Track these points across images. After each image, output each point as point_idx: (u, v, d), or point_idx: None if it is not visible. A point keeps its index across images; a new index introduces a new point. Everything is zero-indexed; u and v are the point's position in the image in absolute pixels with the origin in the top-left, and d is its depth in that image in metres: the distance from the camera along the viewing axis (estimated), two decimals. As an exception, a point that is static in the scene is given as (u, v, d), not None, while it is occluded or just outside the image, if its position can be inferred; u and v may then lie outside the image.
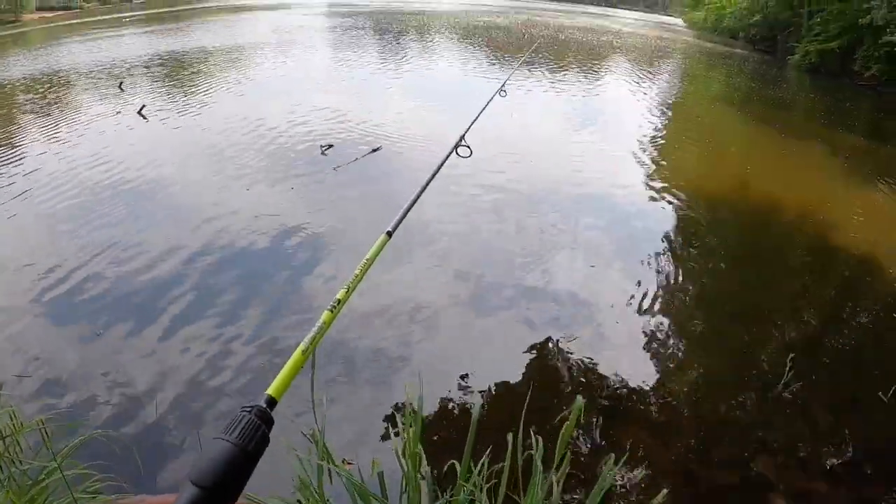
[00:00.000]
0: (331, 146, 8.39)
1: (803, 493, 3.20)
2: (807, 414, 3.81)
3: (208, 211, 6.31)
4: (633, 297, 5.05)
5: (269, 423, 0.61)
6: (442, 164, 1.51)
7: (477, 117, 2.13)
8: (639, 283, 5.27)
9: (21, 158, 8.13)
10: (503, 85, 2.99)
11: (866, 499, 3.21)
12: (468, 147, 1.76)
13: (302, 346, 0.71)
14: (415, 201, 1.25)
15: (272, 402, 0.64)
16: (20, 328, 4.33)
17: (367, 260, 0.92)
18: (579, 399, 2.16)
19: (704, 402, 3.89)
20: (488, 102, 2.54)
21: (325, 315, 0.78)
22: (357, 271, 0.87)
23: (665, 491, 2.02)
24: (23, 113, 10.98)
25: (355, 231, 5.97)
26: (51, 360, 3.97)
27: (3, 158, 8.14)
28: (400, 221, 1.13)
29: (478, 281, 5.20)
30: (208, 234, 5.76)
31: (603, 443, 3.47)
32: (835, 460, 3.42)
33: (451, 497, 1.92)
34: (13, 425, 1.94)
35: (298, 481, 1.91)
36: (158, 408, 3.53)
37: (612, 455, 2.25)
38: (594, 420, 3.65)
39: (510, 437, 2.16)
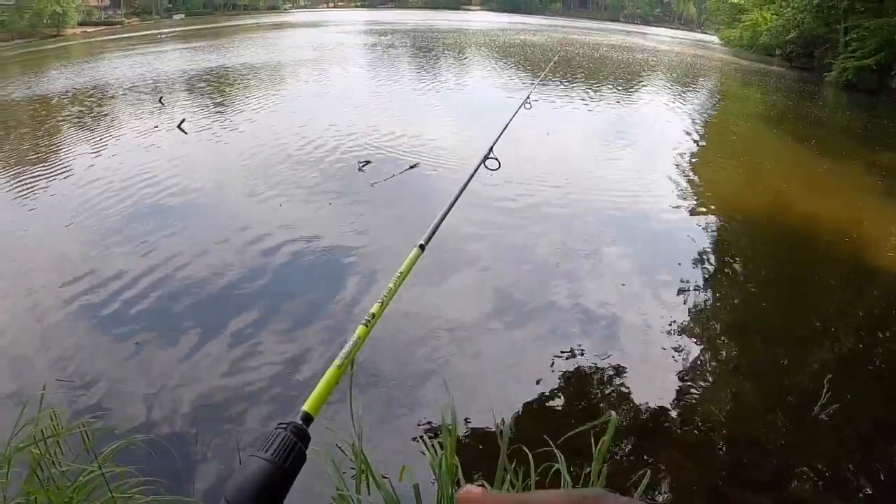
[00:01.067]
0: (368, 162, 8.47)
1: None
2: (843, 437, 3.72)
3: (246, 224, 6.42)
4: (665, 316, 5.00)
5: (305, 439, 0.60)
6: (471, 177, 1.52)
7: (504, 130, 2.14)
8: (672, 302, 5.22)
9: (65, 169, 8.38)
10: (527, 98, 3.01)
11: None
12: (496, 160, 1.76)
13: (337, 362, 0.71)
14: (446, 214, 1.25)
15: (308, 418, 0.64)
16: (61, 334, 4.45)
17: (400, 273, 0.91)
18: (613, 415, 2.15)
19: (738, 423, 3.83)
20: (513, 116, 2.56)
21: (359, 330, 0.77)
22: (391, 285, 0.87)
23: None
24: (67, 125, 11.29)
25: (393, 245, 6.01)
26: (91, 366, 4.06)
27: (48, 169, 8.40)
28: (432, 234, 1.13)
29: (509, 296, 5.20)
30: (245, 247, 5.85)
31: (633, 461, 3.44)
32: (871, 485, 3.34)
33: None
34: (54, 427, 1.99)
35: (336, 494, 1.93)
36: (197, 415, 3.59)
37: (647, 471, 2.22)
38: (625, 438, 3.62)
39: (543, 451, 2.15)
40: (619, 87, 16.87)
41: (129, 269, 5.41)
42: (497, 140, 1.86)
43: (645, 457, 3.48)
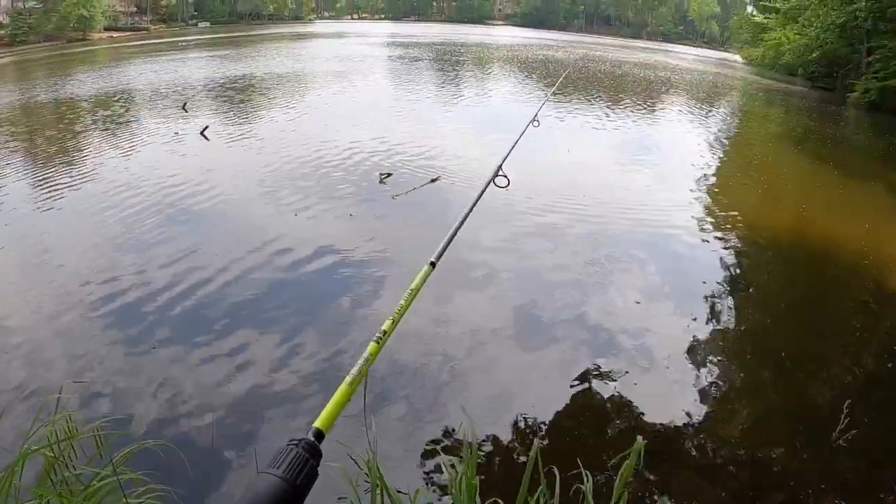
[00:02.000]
0: (389, 175, 8.50)
1: None
2: (862, 463, 3.65)
3: (266, 233, 6.45)
4: (683, 336, 4.94)
5: (317, 456, 0.60)
6: (481, 195, 1.52)
7: (512, 148, 2.14)
8: (690, 323, 5.17)
9: (87, 173, 8.50)
10: (535, 116, 2.99)
11: None
12: (506, 177, 1.75)
13: (349, 379, 0.70)
14: (456, 231, 1.25)
15: (320, 434, 0.64)
16: (77, 337, 4.48)
17: (411, 290, 0.91)
18: (639, 440, 2.13)
19: (756, 447, 3.76)
20: (521, 134, 2.56)
21: (371, 347, 0.77)
22: (402, 302, 0.86)
23: None
24: (91, 129, 11.45)
25: (411, 258, 5.98)
26: (107, 369, 4.09)
27: (72, 173, 8.52)
28: (443, 251, 1.13)
29: (526, 315, 5.18)
30: (264, 257, 5.87)
31: (651, 483, 3.40)
32: None
33: None
34: (68, 430, 2.00)
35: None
36: (212, 421, 3.59)
37: (666, 496, 2.19)
38: (644, 459, 3.58)
39: (563, 473, 2.13)
40: (641, 105, 16.84)
41: (148, 274, 5.45)
42: (506, 158, 1.86)
43: (662, 479, 3.44)
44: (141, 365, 4.15)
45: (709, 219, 7.93)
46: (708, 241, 7.08)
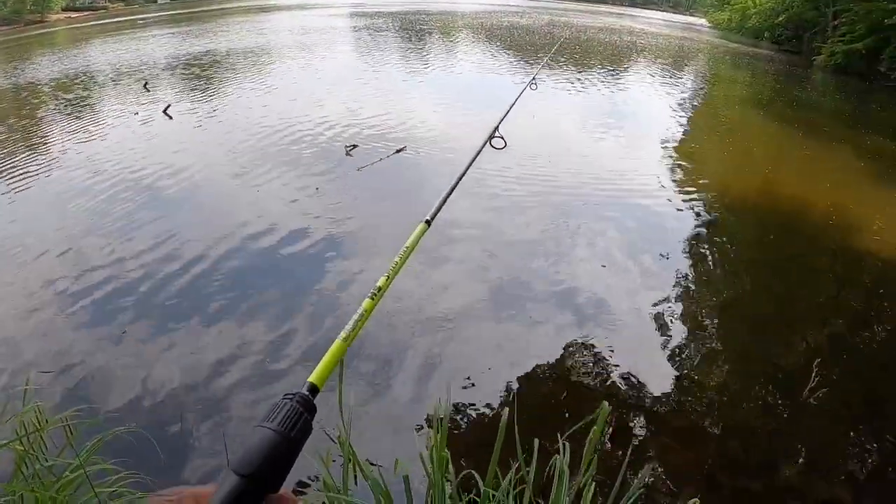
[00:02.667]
0: (355, 146, 8.44)
1: (827, 502, 3.15)
2: (832, 421, 3.75)
3: (231, 210, 6.38)
4: (654, 300, 5.01)
5: (311, 410, 0.60)
6: (477, 155, 1.50)
7: (510, 109, 2.11)
8: (660, 286, 5.23)
9: (49, 157, 8.30)
10: (533, 78, 2.98)
11: None
12: (502, 138, 1.75)
13: (343, 334, 0.71)
14: (452, 190, 1.24)
15: (314, 389, 0.63)
16: (45, 326, 4.41)
17: (406, 248, 0.91)
18: (605, 405, 2.15)
19: (728, 408, 3.84)
20: (519, 95, 2.53)
21: (365, 303, 0.77)
22: (397, 259, 0.86)
23: (696, 500, 1.99)
24: (52, 113, 11.17)
25: (377, 228, 6.00)
26: (76, 357, 4.03)
27: (34, 158, 8.32)
28: (438, 210, 1.13)
29: (499, 277, 5.21)
30: (230, 234, 5.80)
31: (626, 447, 3.45)
32: (861, 469, 3.37)
33: (475, 502, 1.92)
34: (37, 422, 1.96)
35: (323, 483, 1.92)
36: (182, 406, 3.57)
37: (648, 467, 2.22)
38: (616, 424, 3.63)
39: (536, 442, 2.15)
40: (608, 71, 16.81)
41: (114, 257, 5.36)
42: (502, 119, 1.83)
43: (636, 443, 3.49)
44: (110, 352, 4.10)
45: (677, 183, 7.99)
46: (677, 205, 7.14)
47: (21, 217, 6.35)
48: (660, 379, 4.05)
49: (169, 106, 10.78)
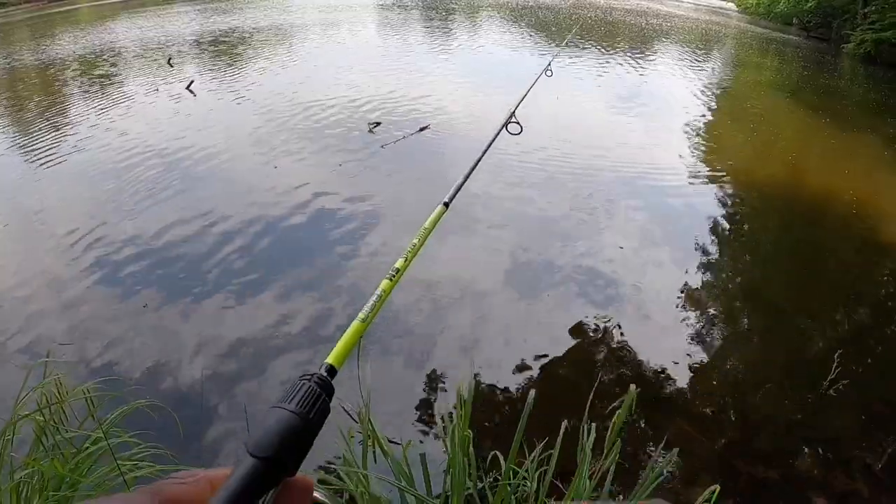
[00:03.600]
0: (378, 124, 8.44)
1: (845, 494, 3.12)
2: (852, 413, 3.70)
3: (252, 187, 6.43)
4: (677, 286, 4.98)
5: (329, 392, 0.58)
6: (493, 141, 1.49)
7: (525, 95, 2.08)
8: (684, 273, 5.20)
9: (74, 134, 8.40)
10: (549, 65, 2.93)
11: None
12: (518, 124, 1.72)
13: (361, 315, 0.69)
14: (469, 174, 1.24)
15: (332, 370, 0.61)
16: (68, 297, 4.47)
17: (424, 229, 0.90)
18: (632, 388, 2.13)
19: (748, 396, 3.82)
20: (535, 81, 2.49)
21: (383, 284, 0.76)
22: (415, 241, 0.86)
23: (717, 487, 1.98)
24: (78, 90, 11.26)
25: (399, 206, 6.04)
26: (97, 328, 4.08)
27: (61, 133, 8.43)
28: (456, 193, 1.12)
29: (522, 257, 5.22)
30: (253, 210, 5.85)
31: (644, 432, 3.44)
32: (879, 463, 3.33)
33: (496, 481, 1.92)
34: (59, 393, 1.99)
35: (343, 460, 1.92)
36: (202, 378, 3.60)
37: (675, 451, 2.20)
38: (637, 409, 3.62)
39: (564, 423, 2.15)
40: (634, 54, 16.59)
41: (136, 232, 5.43)
42: (519, 104, 1.81)
43: (656, 428, 3.48)
44: (132, 325, 4.15)
45: (703, 167, 7.92)
46: (703, 190, 7.08)
47: (47, 194, 6.44)
48: (679, 364, 4.03)
49: (192, 82, 10.80)
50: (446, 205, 1.05)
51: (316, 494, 0.49)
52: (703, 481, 3.05)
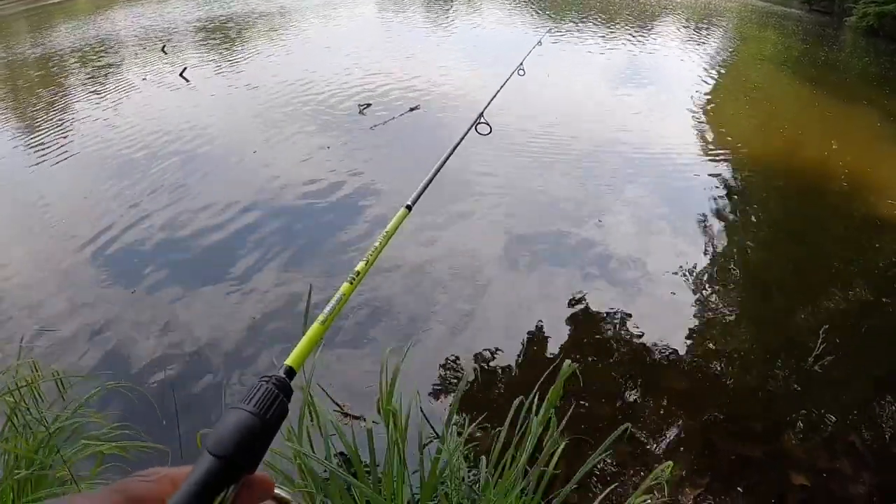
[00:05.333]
0: (369, 105, 8.46)
1: (826, 472, 3.11)
2: (836, 390, 3.69)
3: (246, 170, 6.49)
4: (669, 261, 4.99)
5: (287, 393, 0.59)
6: (459, 143, 1.49)
7: (495, 95, 2.04)
8: (677, 248, 5.23)
9: (69, 123, 8.48)
10: (521, 63, 2.88)
11: (890, 483, 3.08)
12: (487, 125, 1.71)
13: (321, 318, 0.70)
14: (433, 176, 1.24)
15: (291, 372, 0.63)
16: (60, 281, 4.54)
17: (386, 233, 0.91)
18: (567, 364, 2.15)
19: (732, 372, 3.82)
20: (506, 81, 2.45)
21: (343, 287, 0.77)
22: (377, 244, 0.86)
23: (669, 463, 1.99)
24: (74, 80, 11.31)
25: (383, 188, 6.09)
26: (82, 313, 4.16)
27: (58, 123, 8.51)
28: (419, 195, 1.12)
29: (516, 234, 5.29)
30: (239, 194, 5.90)
31: (623, 408, 3.46)
32: (861, 440, 3.32)
33: (435, 457, 1.94)
34: (33, 377, 2.02)
35: (287, 432, 1.94)
36: (184, 364, 3.65)
37: (625, 427, 2.19)
38: (618, 385, 3.64)
39: (518, 399, 2.16)
40: (633, 29, 16.45)
41: (126, 219, 5.50)
42: (488, 105, 1.78)
43: (637, 404, 3.50)
44: (119, 308, 4.22)
45: (701, 143, 7.90)
46: (700, 166, 7.07)
47: (45, 183, 6.54)
48: (666, 340, 4.05)
49: (185, 69, 10.80)
50: (409, 208, 1.06)
51: (278, 491, 0.50)
52: (683, 459, 3.08)
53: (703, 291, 4.67)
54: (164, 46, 13.06)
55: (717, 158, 7.26)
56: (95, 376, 2.65)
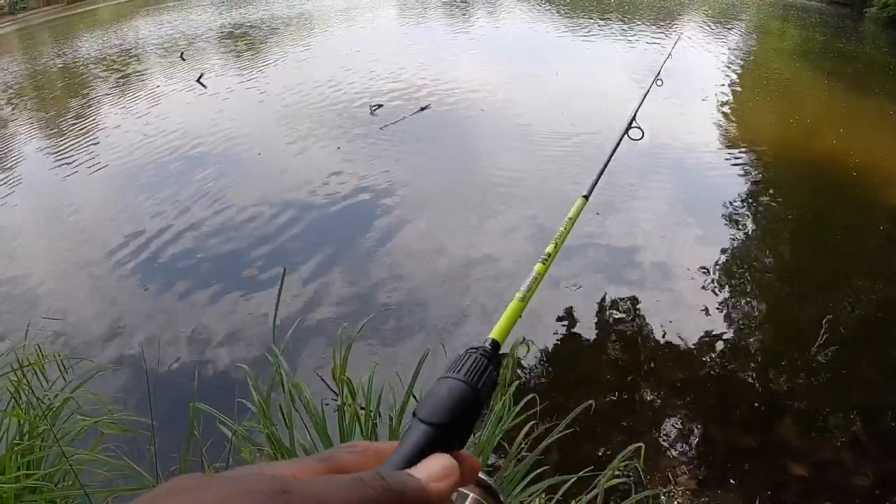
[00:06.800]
0: (380, 106, 8.56)
1: (826, 463, 3.07)
2: (838, 381, 3.64)
3: (259, 172, 6.62)
4: (679, 251, 5.04)
5: (496, 364, 0.56)
6: (615, 149, 1.45)
7: (643, 99, 1.98)
8: (690, 238, 5.28)
9: (89, 130, 8.76)
10: (659, 73, 2.88)
11: (891, 474, 3.03)
12: (640, 129, 1.67)
13: (519, 294, 0.70)
14: (605, 166, 1.26)
15: (496, 345, 0.61)
16: (78, 278, 4.71)
17: (569, 219, 0.97)
18: (518, 341, 2.21)
19: (734, 363, 3.81)
20: (648, 90, 2.36)
21: (538, 267, 0.78)
22: (562, 228, 0.91)
23: (640, 445, 2.00)
24: (94, 88, 11.59)
25: (393, 188, 6.17)
26: (93, 307, 4.31)
27: (81, 131, 8.80)
28: (594, 185, 1.14)
29: (538, 226, 5.36)
30: (254, 198, 6.03)
31: (623, 399, 3.48)
32: (863, 432, 3.26)
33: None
34: (38, 358, 2.13)
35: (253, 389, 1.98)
36: (192, 358, 3.76)
37: (588, 405, 2.19)
38: (615, 375, 3.67)
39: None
40: (653, 24, 16.37)
41: (146, 221, 5.65)
42: (638, 108, 1.74)
43: (636, 393, 3.52)
44: (130, 304, 4.36)
45: (720, 135, 7.88)
46: (718, 158, 7.05)
47: (69, 187, 6.84)
48: (666, 330, 4.05)
49: (202, 75, 11.00)
50: (586, 197, 1.09)
51: (481, 475, 0.49)
52: (679, 449, 3.09)
53: (709, 282, 4.63)
54: (182, 54, 13.29)
55: (735, 151, 7.20)
56: (83, 357, 2.75)
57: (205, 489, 0.30)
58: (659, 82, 2.72)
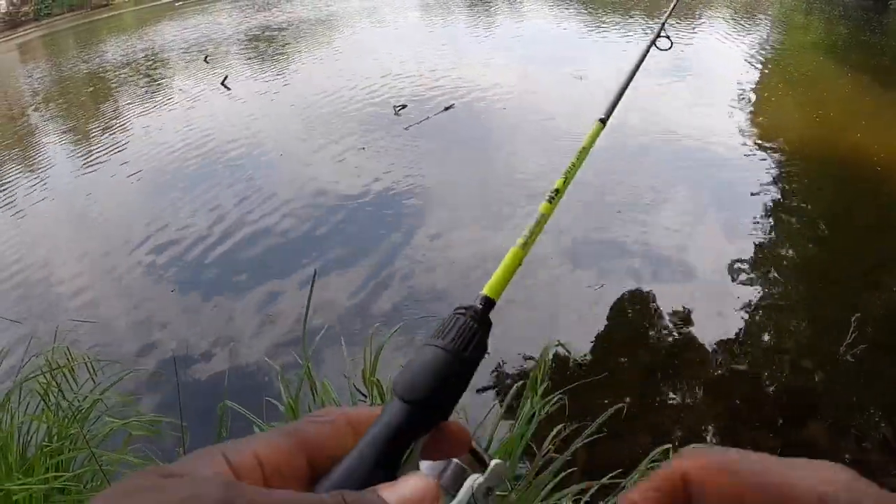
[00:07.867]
0: (404, 106, 8.58)
1: (853, 465, 2.93)
2: (867, 380, 3.56)
3: (283, 173, 6.67)
4: (708, 248, 5.01)
5: (486, 326, 0.50)
6: (644, 57, 1.38)
7: (673, 8, 1.92)
8: (718, 235, 5.23)
9: (115, 132, 8.87)
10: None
11: None
12: (668, 38, 1.53)
13: (520, 241, 0.60)
14: (624, 88, 1.06)
15: (489, 302, 0.53)
16: (107, 279, 4.77)
17: (583, 148, 0.82)
18: (551, 340, 2.19)
19: (761, 361, 3.76)
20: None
21: (542, 206, 0.67)
22: (574, 160, 0.77)
23: (668, 447, 1.99)
24: (118, 92, 11.77)
25: (417, 187, 6.18)
26: (123, 308, 4.36)
27: (106, 134, 8.98)
28: (613, 108, 0.99)
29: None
30: (280, 199, 6.09)
31: (650, 395, 3.46)
32: (891, 433, 3.18)
33: None
34: (67, 361, 2.16)
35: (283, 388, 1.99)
36: (223, 357, 3.79)
37: (618, 408, 2.19)
38: (646, 372, 3.64)
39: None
40: (676, 16, 16.21)
41: (174, 224, 5.71)
42: (668, 16, 1.68)
43: (662, 390, 3.49)
44: (158, 305, 4.41)
45: (746, 131, 7.72)
46: (744, 154, 6.90)
47: (93, 187, 6.93)
48: (696, 327, 4.02)
49: (226, 77, 11.10)
50: (603, 121, 0.95)
51: (474, 444, 0.42)
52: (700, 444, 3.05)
53: (737, 279, 4.58)
54: (206, 57, 13.42)
55: (760, 145, 7.07)
56: (112, 360, 2.78)
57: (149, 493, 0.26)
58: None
